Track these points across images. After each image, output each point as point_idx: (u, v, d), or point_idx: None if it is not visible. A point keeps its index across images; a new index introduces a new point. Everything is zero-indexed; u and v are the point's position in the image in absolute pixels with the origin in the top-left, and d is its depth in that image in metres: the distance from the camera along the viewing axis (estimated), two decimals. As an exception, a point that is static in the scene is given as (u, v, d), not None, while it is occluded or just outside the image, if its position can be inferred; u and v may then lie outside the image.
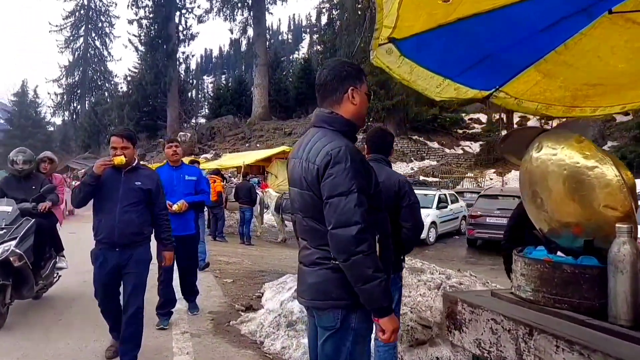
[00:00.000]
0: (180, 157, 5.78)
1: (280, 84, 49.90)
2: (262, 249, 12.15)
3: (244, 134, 43.01)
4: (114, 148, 3.98)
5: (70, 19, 60.73)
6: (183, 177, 5.60)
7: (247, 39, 48.26)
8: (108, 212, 3.94)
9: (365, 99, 2.46)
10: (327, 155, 2.18)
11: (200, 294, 6.31)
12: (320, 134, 2.34)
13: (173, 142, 5.77)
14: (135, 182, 4.03)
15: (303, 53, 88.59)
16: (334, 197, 2.13)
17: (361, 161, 2.26)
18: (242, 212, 12.79)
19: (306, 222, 2.34)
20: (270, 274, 8.18)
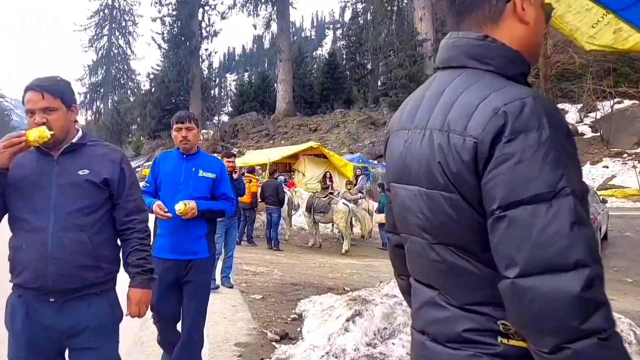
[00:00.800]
0: (194, 144, 3.55)
1: (305, 80, 48.80)
2: (291, 255, 10.98)
3: (268, 131, 42.03)
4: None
5: (94, 19, 60.51)
6: (196, 171, 3.49)
7: (270, 34, 47.28)
8: (33, 230, 2.14)
9: (541, 13, 1.26)
10: (496, 117, 1.05)
11: (224, 316, 5.17)
12: (464, 79, 1.20)
13: (183, 122, 3.44)
14: (77, 171, 2.21)
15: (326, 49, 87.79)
16: (519, 206, 1.01)
17: (567, 130, 1.06)
18: (269, 214, 11.62)
19: (440, 255, 1.21)
20: (305, 288, 7.01)
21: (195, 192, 3.42)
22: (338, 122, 40.67)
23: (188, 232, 3.36)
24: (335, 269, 9.21)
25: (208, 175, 3.53)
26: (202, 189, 3.49)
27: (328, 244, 13.54)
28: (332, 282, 7.69)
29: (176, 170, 3.48)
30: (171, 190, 3.42)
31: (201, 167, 3.50)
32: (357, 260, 10.92)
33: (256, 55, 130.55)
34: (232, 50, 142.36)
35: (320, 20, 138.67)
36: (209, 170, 3.54)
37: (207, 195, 3.51)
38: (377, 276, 8.75)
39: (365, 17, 48.32)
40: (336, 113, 42.88)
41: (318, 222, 12.75)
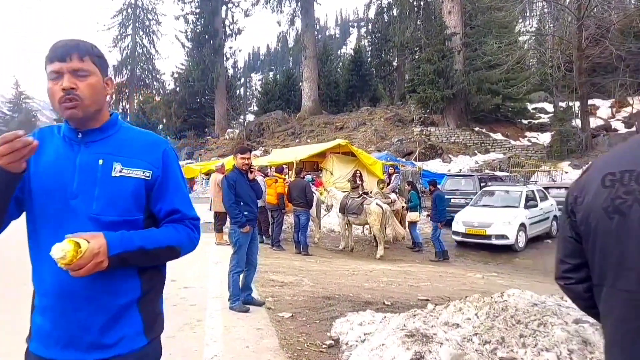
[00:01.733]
0: (93, 103, 1.64)
1: (330, 77, 47.94)
2: (322, 260, 10.12)
3: (294, 129, 41.29)
4: None
5: (117, 18, 60.77)
6: (107, 165, 1.65)
7: (295, 30, 46.49)
8: None
9: None
10: None
11: (246, 344, 4.33)
12: None
13: (64, 60, 1.59)
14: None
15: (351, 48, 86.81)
16: None
17: None
18: (297, 217, 10.76)
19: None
20: (340, 302, 6.13)
21: (106, 213, 1.63)
22: (364, 120, 39.70)
23: (94, 302, 1.62)
24: (370, 277, 8.32)
25: (134, 173, 1.67)
26: (122, 205, 1.65)
27: (359, 246, 12.65)
28: (369, 294, 6.80)
29: (62, 168, 1.65)
30: (52, 211, 1.63)
31: (119, 156, 1.67)
32: (392, 266, 10.00)
33: (281, 54, 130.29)
34: (257, 50, 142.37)
35: (345, 19, 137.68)
36: (135, 162, 1.68)
37: (133, 217, 1.69)
38: (417, 285, 7.83)
39: (391, 13, 47.27)
40: (362, 111, 41.95)
41: (352, 223, 11.84)
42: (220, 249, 10.00)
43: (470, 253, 12.74)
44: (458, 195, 16.74)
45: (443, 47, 31.58)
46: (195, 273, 7.72)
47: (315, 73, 43.41)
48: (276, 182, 10.98)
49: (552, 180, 24.80)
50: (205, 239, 12.23)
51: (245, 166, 5.76)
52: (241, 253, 5.72)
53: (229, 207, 5.75)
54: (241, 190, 5.72)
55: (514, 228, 12.48)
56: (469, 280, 8.83)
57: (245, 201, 5.76)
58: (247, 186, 5.81)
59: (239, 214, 5.66)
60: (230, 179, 5.76)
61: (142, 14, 62.29)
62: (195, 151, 45.82)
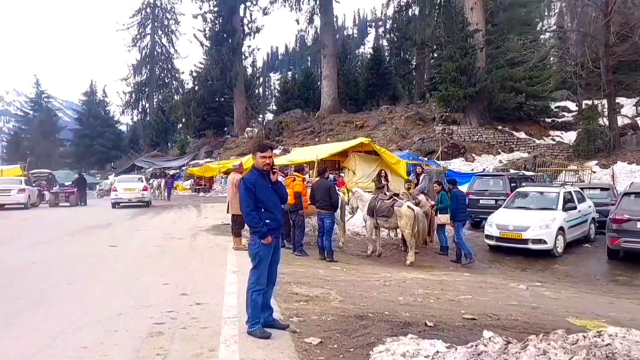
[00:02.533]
0: None
1: (349, 76, 47.05)
2: (349, 267, 9.22)
3: (313, 128, 40.50)
4: None
5: (136, 17, 60.64)
6: None
7: (313, 28, 45.64)
8: None
9: None
10: None
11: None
12: None
13: None
14: None
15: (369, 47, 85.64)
16: None
17: None
18: (321, 220, 9.86)
19: None
20: (375, 323, 5.24)
21: None
22: (385, 118, 38.72)
23: None
24: (404, 288, 7.41)
25: None
26: None
27: (387, 251, 11.71)
28: (406, 311, 5.90)
29: None
30: None
31: None
32: (425, 274, 9.08)
33: (299, 54, 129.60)
34: (275, 50, 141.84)
35: (362, 19, 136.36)
36: None
37: None
38: (458, 299, 6.90)
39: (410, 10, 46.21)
40: (382, 109, 40.97)
41: (381, 227, 10.92)
42: (239, 256, 9.17)
43: (505, 258, 11.73)
44: (487, 195, 15.71)
45: (465, 44, 30.44)
46: (209, 284, 6.90)
47: (335, 71, 42.52)
48: (294, 181, 10.11)
49: (579, 180, 23.60)
50: (222, 242, 11.48)
51: (266, 166, 4.88)
52: (262, 268, 4.86)
53: (246, 214, 4.84)
54: (262, 195, 4.84)
55: (552, 232, 11.44)
56: (513, 292, 7.87)
57: (266, 207, 4.87)
58: (269, 189, 4.93)
59: (259, 222, 4.77)
60: (248, 181, 4.85)
61: (160, 13, 62.10)
62: (214, 150, 45.27)
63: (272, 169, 4.92)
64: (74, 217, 18.62)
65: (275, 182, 4.93)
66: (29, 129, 66.33)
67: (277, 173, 5.04)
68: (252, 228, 4.88)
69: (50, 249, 10.26)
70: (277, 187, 4.99)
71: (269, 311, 5.04)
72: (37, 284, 6.99)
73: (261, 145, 5.03)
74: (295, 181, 10.08)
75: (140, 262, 8.67)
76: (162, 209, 21.89)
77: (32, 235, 12.91)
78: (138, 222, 16.01)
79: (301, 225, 10.27)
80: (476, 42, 30.86)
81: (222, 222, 15.45)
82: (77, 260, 8.92)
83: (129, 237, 12.16)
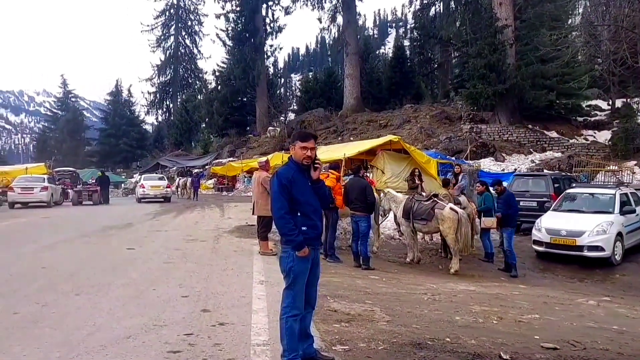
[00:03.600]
0: None
1: (372, 75, 45.75)
2: (387, 276, 8.13)
3: (336, 127, 39.43)
4: None
5: (160, 19, 60.33)
6: None
7: (336, 26, 44.49)
8: None
9: None
10: None
11: None
12: None
13: None
14: None
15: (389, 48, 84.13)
16: None
17: None
18: (356, 223, 8.80)
19: None
20: (439, 354, 4.19)
21: None
22: (409, 117, 37.45)
23: None
24: (457, 304, 6.30)
25: None
26: None
27: (425, 256, 10.57)
28: (470, 336, 4.81)
29: None
30: None
31: None
32: (475, 285, 7.94)
33: (320, 55, 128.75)
34: (296, 51, 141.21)
35: (383, 19, 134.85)
36: None
37: None
38: (524, 319, 5.78)
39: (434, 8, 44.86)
40: (406, 108, 39.66)
41: (419, 231, 9.81)
42: (266, 262, 8.17)
43: (557, 267, 10.48)
44: (528, 197, 14.42)
45: (494, 40, 29.04)
46: (234, 297, 5.89)
47: (357, 70, 41.37)
48: (327, 177, 9.07)
49: (618, 180, 22.07)
50: (247, 246, 10.44)
51: (307, 159, 3.78)
52: (298, 288, 3.80)
53: (279, 218, 3.75)
54: (299, 195, 3.75)
55: (610, 238, 10.17)
56: (584, 309, 6.69)
57: (304, 211, 3.78)
58: (309, 189, 3.84)
59: (294, 230, 3.69)
60: (283, 177, 3.75)
61: (184, 14, 61.66)
62: (237, 149, 44.54)
63: (315, 163, 3.87)
64: (95, 217, 17.89)
65: (316, 180, 3.88)
66: (56, 128, 66.56)
67: (320, 168, 3.98)
68: (284, 236, 3.78)
69: (64, 252, 9.40)
70: (319, 186, 3.92)
71: (309, 340, 3.98)
72: (42, 294, 6.07)
73: (302, 133, 3.97)
74: (329, 178, 9.02)
75: (158, 269, 7.71)
76: (185, 209, 21.07)
77: (48, 235, 12.11)
78: (159, 222, 15.15)
79: (334, 226, 9.21)
80: (505, 37, 29.45)
81: (247, 223, 14.51)
82: (90, 265, 8.01)
83: (148, 239, 11.26)
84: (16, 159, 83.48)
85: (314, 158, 3.79)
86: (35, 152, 71.17)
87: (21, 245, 10.34)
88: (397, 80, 44.70)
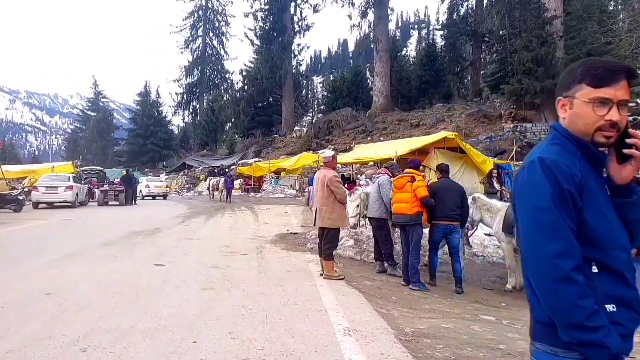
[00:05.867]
0: None
1: (402, 73, 43.25)
2: (499, 313, 5.80)
3: (365, 127, 37.12)
4: None
5: (189, 20, 58.76)
6: None
7: (367, 22, 42.12)
8: None
9: None
10: None
11: None
12: None
13: None
14: None
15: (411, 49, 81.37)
16: None
17: None
18: (447, 234, 6.57)
19: None
20: None
21: None
22: (443, 116, 34.97)
23: None
24: None
25: None
26: None
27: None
28: None
29: None
30: None
31: None
32: None
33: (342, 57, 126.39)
34: (318, 54, 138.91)
35: (405, 21, 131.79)
36: None
37: None
38: None
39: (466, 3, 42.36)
40: (439, 107, 37.20)
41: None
42: (337, 291, 5.96)
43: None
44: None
45: (542, 31, 26.42)
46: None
47: (388, 67, 38.96)
48: (412, 182, 6.82)
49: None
50: (300, 263, 6.73)
51: (609, 132, 1.49)
52: None
53: (557, 279, 1.39)
54: (596, 218, 1.47)
55: None
56: None
57: (607, 260, 1.46)
58: (608, 201, 1.53)
59: (596, 314, 1.38)
60: (560, 169, 1.45)
61: (212, 15, 60.00)
62: (262, 149, 42.52)
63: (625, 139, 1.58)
64: (119, 219, 15.91)
65: (627, 184, 1.60)
66: (86, 128, 65.52)
67: None
68: (571, 328, 1.40)
69: (78, 270, 7.30)
70: (630, 200, 1.64)
71: None
72: (32, 349, 3.93)
73: (596, 65, 1.63)
74: (416, 182, 6.77)
75: (196, 301, 5.52)
76: (215, 211, 19.00)
77: (64, 243, 10.07)
78: (190, 228, 13.03)
79: (416, 244, 6.92)
80: (555, 29, 26.80)
81: (288, 230, 12.34)
82: (106, 292, 5.87)
83: (179, 250, 9.14)
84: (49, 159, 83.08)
85: (624, 129, 1.53)
86: (65, 152, 70.25)
87: (29, 257, 8.28)
88: (427, 79, 42.24)
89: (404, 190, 6.87)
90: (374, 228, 7.74)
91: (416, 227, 6.78)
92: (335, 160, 6.97)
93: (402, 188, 6.91)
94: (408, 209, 6.78)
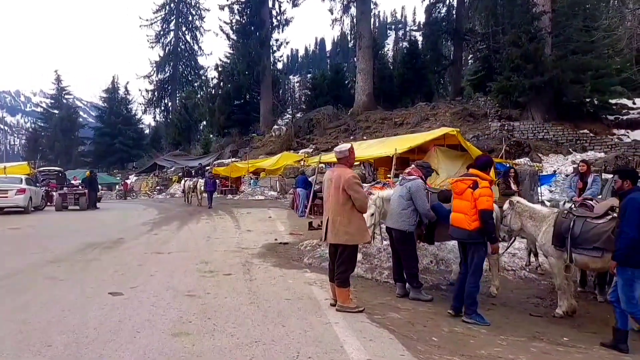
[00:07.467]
0: None
1: (384, 71, 41.98)
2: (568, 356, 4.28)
3: (347, 126, 35.65)
4: None
5: (160, 13, 56.15)
6: None
7: (349, 17, 40.60)
8: None
9: None
10: None
11: None
12: None
13: None
14: None
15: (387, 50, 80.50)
16: None
17: None
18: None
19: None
20: None
21: None
22: (427, 115, 33.79)
23: None
24: None
25: None
26: None
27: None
28: None
29: None
30: None
31: None
32: None
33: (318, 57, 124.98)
34: (295, 53, 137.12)
35: (383, 21, 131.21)
36: None
37: None
38: None
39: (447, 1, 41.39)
40: (422, 106, 36.05)
41: (582, 267, 5.88)
42: (361, 333, 4.34)
43: None
44: None
45: (530, 27, 25.38)
46: None
47: (371, 65, 37.55)
48: (472, 188, 5.26)
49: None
50: (301, 287, 4.17)
51: None
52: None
53: None
54: None
55: None
56: None
57: None
58: None
59: None
60: None
61: (185, 8, 57.49)
62: (240, 149, 40.56)
63: None
64: (76, 228, 13.89)
65: None
66: (48, 127, 61.97)
67: None
68: None
69: (6, 301, 5.47)
70: None
71: None
72: None
73: None
74: (479, 188, 5.21)
75: (163, 358, 3.80)
76: (189, 217, 17.10)
77: (3, 260, 8.15)
78: (159, 239, 11.10)
79: (479, 270, 5.32)
80: (543, 25, 25.80)
81: (276, 239, 10.62)
82: (31, 342, 4.09)
83: (145, 270, 7.31)
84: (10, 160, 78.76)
85: None
86: (25, 152, 66.19)
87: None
88: (409, 77, 41.12)
89: (463, 198, 5.31)
90: (397, 242, 6.09)
91: (478, 246, 5.21)
92: (353, 155, 5.26)
93: (461, 194, 5.35)
94: (466, 223, 5.21)
